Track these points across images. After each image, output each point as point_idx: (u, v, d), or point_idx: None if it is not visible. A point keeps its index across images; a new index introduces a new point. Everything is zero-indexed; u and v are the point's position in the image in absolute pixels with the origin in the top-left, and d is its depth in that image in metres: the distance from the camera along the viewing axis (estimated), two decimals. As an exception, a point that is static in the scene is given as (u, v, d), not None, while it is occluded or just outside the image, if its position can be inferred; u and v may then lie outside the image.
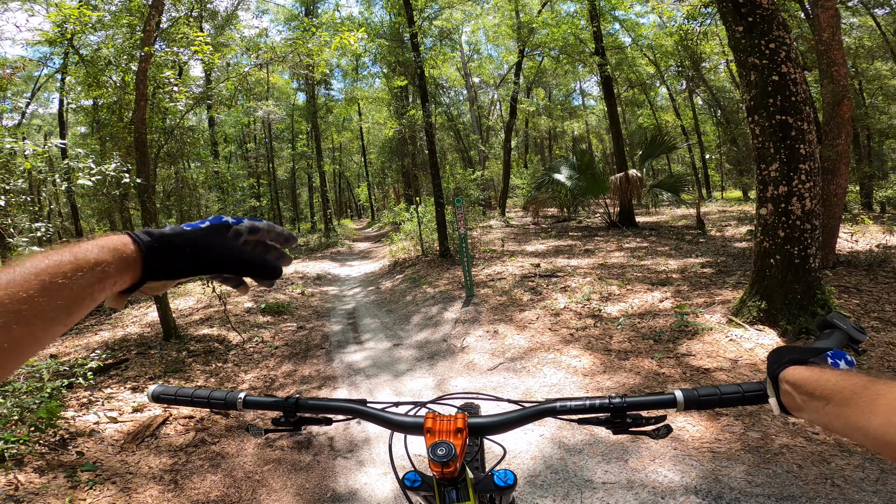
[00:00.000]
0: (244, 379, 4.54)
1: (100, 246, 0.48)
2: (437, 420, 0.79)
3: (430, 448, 0.74)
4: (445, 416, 0.80)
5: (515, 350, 4.53)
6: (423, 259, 10.07)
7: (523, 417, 0.81)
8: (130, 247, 0.50)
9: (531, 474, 2.59)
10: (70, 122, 19.55)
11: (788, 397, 0.61)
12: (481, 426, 0.81)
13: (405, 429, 0.83)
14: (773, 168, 3.98)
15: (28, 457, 2.84)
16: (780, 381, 0.62)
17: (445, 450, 0.73)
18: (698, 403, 0.74)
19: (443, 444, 0.74)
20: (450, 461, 0.72)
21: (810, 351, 0.65)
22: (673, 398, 0.75)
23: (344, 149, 34.19)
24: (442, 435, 0.77)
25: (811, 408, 0.56)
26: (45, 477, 2.70)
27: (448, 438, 0.76)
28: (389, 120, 18.32)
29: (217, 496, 2.65)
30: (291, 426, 0.87)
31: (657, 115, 24.34)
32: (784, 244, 3.98)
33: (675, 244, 8.97)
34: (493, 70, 27.14)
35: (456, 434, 0.77)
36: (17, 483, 2.59)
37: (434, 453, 0.73)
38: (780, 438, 2.63)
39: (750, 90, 4.05)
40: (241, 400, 0.85)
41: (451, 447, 0.73)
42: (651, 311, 4.98)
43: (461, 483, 0.81)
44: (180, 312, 7.32)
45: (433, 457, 0.73)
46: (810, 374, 0.58)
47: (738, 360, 3.67)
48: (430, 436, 0.77)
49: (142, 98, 5.60)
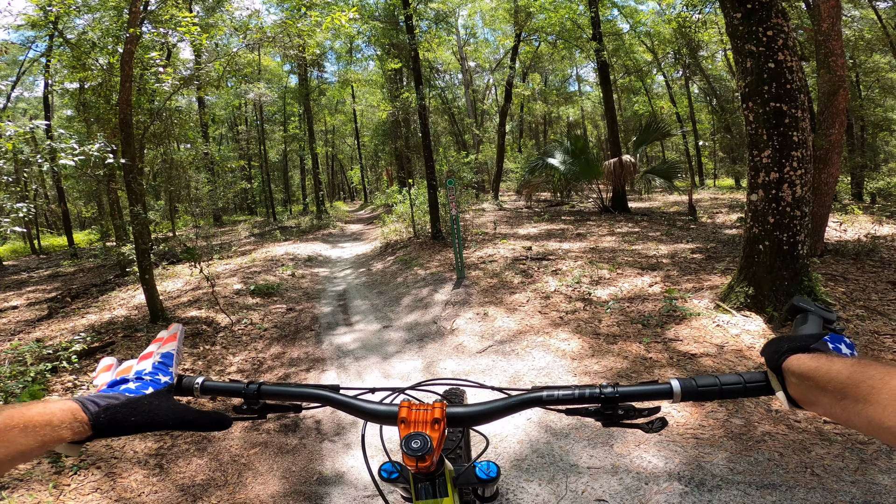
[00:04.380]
0: (232, 362, 4.51)
1: (51, 411, 0.55)
2: (412, 409, 0.73)
3: (403, 441, 0.69)
4: (422, 406, 0.74)
5: (505, 333, 4.53)
6: (415, 241, 10.04)
7: (507, 407, 0.75)
8: (81, 414, 0.57)
9: (517, 458, 2.60)
10: (56, 105, 19.17)
11: (797, 389, 0.58)
12: (461, 416, 0.75)
13: (377, 418, 0.76)
14: (765, 154, 3.97)
15: None
16: (786, 372, 0.59)
17: (420, 442, 0.68)
18: (696, 394, 0.69)
19: (417, 437, 0.69)
20: (425, 455, 0.67)
21: (808, 338, 0.62)
22: (669, 389, 0.69)
23: (337, 131, 33.85)
24: (417, 426, 0.71)
25: (824, 402, 0.53)
26: (30, 462, 2.67)
27: (424, 430, 0.70)
28: (383, 102, 18.09)
29: (203, 480, 2.64)
30: (255, 413, 0.80)
31: (653, 102, 24.22)
32: (774, 230, 3.99)
33: (666, 230, 9.00)
34: (490, 54, 26.79)
35: (433, 425, 0.71)
36: None
37: (408, 447, 0.68)
38: (762, 426, 2.64)
39: (745, 77, 4.03)
40: (197, 386, 0.77)
41: (427, 440, 0.68)
42: (640, 295, 5.00)
43: (439, 477, 0.76)
44: (168, 295, 7.25)
45: (407, 450, 0.68)
46: (818, 364, 0.55)
47: (725, 345, 3.70)
48: (405, 426, 0.72)
49: (127, 80, 5.47)
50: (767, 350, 0.64)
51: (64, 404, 0.57)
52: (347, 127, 32.51)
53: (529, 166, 14.39)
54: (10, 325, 6.51)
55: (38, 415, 0.53)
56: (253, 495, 2.48)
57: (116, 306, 6.79)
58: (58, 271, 11.92)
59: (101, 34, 7.20)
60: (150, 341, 4.08)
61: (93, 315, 6.37)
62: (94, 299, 7.70)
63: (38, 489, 2.47)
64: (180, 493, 2.49)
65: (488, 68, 27.21)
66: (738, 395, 0.68)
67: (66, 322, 6.20)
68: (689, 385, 0.69)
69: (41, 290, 9.50)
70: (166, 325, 5.38)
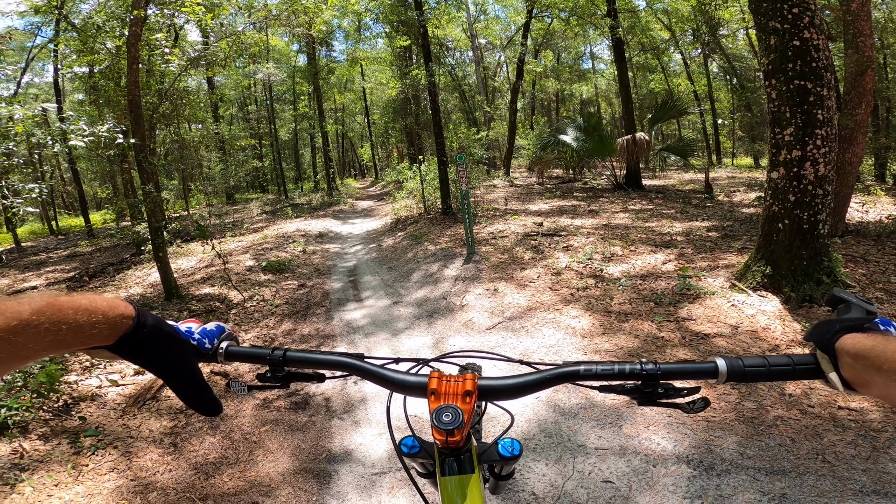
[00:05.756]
0: (244, 338, 4.56)
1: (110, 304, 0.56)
2: (443, 381, 0.69)
3: (433, 413, 0.66)
4: (453, 378, 0.70)
5: (515, 309, 4.50)
6: (426, 217, 10.01)
7: (541, 382, 0.71)
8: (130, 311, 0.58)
9: (525, 437, 2.59)
10: (67, 89, 19.25)
11: (851, 370, 0.54)
12: (493, 389, 0.71)
13: (407, 389, 0.73)
14: (787, 132, 3.86)
15: (32, 423, 2.85)
16: (839, 352, 0.56)
17: (452, 415, 0.65)
18: (743, 375, 0.65)
19: (449, 409, 0.65)
20: (455, 429, 0.64)
21: (860, 319, 0.59)
22: (714, 368, 0.66)
23: (347, 109, 33.72)
24: (448, 398, 0.68)
25: (879, 382, 0.50)
26: (50, 444, 2.72)
27: (455, 402, 0.67)
28: (393, 80, 17.84)
29: (215, 458, 2.67)
30: (279, 382, 0.77)
31: (669, 80, 23.53)
32: (794, 209, 3.88)
33: (681, 207, 8.82)
34: (501, 31, 26.22)
35: (465, 398, 0.68)
36: (21, 451, 2.60)
37: (439, 419, 0.64)
38: (775, 410, 2.59)
39: (769, 54, 3.93)
40: (222, 351, 0.74)
41: (459, 413, 0.65)
42: (653, 272, 4.92)
43: (465, 453, 0.72)
44: (182, 272, 7.33)
45: (438, 423, 0.64)
46: (874, 343, 0.51)
47: (739, 326, 3.63)
48: (435, 399, 0.68)
49: (134, 62, 5.47)
50: (817, 331, 0.60)
51: (121, 302, 0.57)
52: (357, 105, 32.30)
53: (542, 143, 14.16)
54: (30, 304, 6.65)
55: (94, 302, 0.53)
56: (263, 473, 2.52)
57: (132, 284, 6.90)
58: (75, 251, 12.14)
59: (107, 17, 7.16)
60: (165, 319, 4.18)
61: (109, 294, 6.46)
62: (110, 278, 7.84)
63: (58, 470, 2.52)
64: (193, 472, 2.53)
65: (499, 45, 26.66)
66: (786, 377, 0.64)
67: (84, 300, 6.31)
68: (736, 365, 0.65)
69: (59, 269, 9.69)
70: (180, 302, 5.48)
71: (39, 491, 2.35)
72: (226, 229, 11.55)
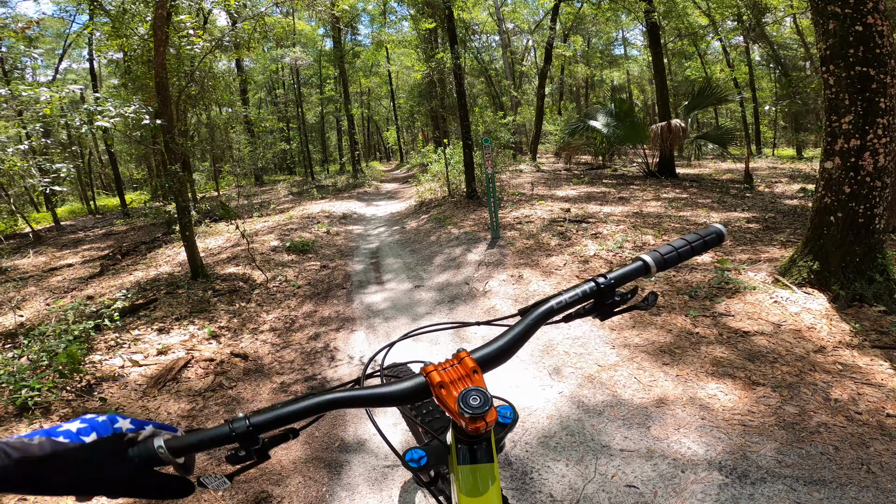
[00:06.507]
0: (265, 319, 4.54)
1: None
2: (442, 371, 0.65)
3: (460, 401, 0.60)
4: (449, 362, 0.66)
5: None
6: (450, 200, 9.89)
7: (526, 331, 0.71)
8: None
9: (545, 435, 2.46)
10: (103, 74, 19.70)
11: None
12: (489, 357, 0.68)
13: (408, 398, 0.66)
14: (845, 120, 3.58)
15: (55, 404, 2.86)
16: None
17: (479, 398, 0.60)
18: (664, 263, 0.78)
19: (473, 392, 0.61)
20: (486, 412, 0.60)
21: None
22: (645, 265, 0.77)
23: (372, 93, 33.77)
24: (457, 384, 0.63)
25: None
26: None
27: (469, 384, 0.63)
28: (418, 63, 17.63)
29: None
30: (258, 457, 0.63)
31: (707, 67, 22.48)
32: (849, 201, 3.59)
33: (718, 197, 8.41)
34: (528, 15, 25.58)
35: (473, 376, 0.64)
36: None
37: (468, 405, 0.59)
38: (818, 416, 2.40)
39: (826, 39, 3.67)
40: (162, 450, 0.57)
41: (484, 392, 0.61)
42: (688, 263, 4.66)
43: (485, 440, 0.67)
44: (209, 251, 7.41)
45: (468, 410, 0.59)
46: None
47: (782, 324, 3.38)
48: (445, 390, 0.63)
49: (161, 44, 5.47)
50: None
51: None
52: (383, 89, 32.25)
53: (570, 128, 13.74)
54: (65, 283, 6.85)
55: None
56: (274, 461, 2.46)
57: (162, 263, 7.01)
58: (111, 230, 12.50)
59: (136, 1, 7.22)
60: (190, 298, 4.05)
61: (140, 272, 6.60)
62: (142, 256, 8.00)
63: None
64: (206, 456, 2.50)
65: (527, 30, 26.03)
66: (698, 252, 0.79)
67: (116, 279, 6.45)
68: (657, 257, 0.78)
69: (95, 247, 9.98)
70: (206, 281, 5.52)
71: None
72: (253, 210, 11.69)
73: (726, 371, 2.87)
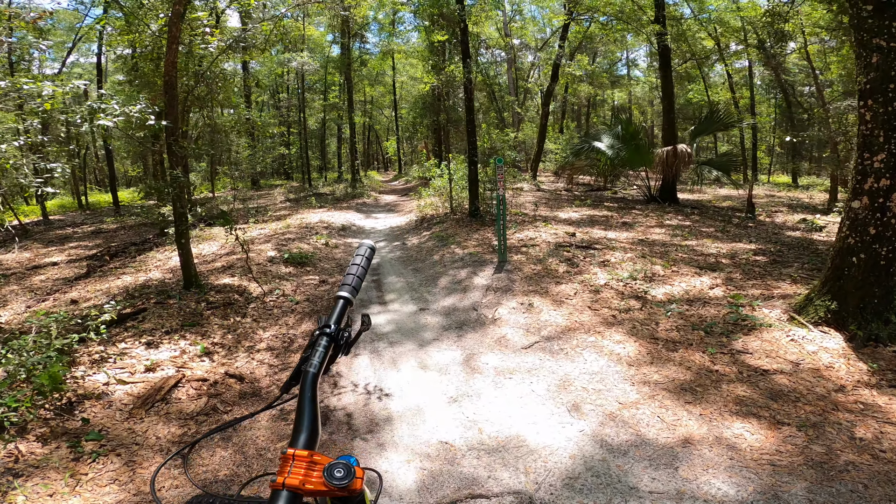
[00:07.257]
0: (262, 337, 4.37)
1: None
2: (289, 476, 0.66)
3: (326, 473, 0.66)
4: (284, 468, 0.67)
5: (552, 328, 4.21)
6: (452, 217, 9.75)
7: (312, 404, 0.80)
8: None
9: (569, 476, 2.33)
10: (109, 70, 19.51)
11: None
12: (308, 441, 0.75)
13: None
14: (877, 158, 3.52)
15: (32, 423, 2.63)
16: None
17: (343, 469, 0.66)
18: (356, 291, 0.98)
19: (336, 466, 0.67)
20: (351, 479, 0.66)
21: None
22: (347, 299, 0.98)
23: (375, 102, 33.80)
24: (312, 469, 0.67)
25: None
26: (48, 447, 2.52)
27: (324, 462, 0.68)
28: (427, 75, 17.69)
29: (226, 475, 2.45)
30: None
31: (710, 91, 22.82)
32: (873, 242, 3.53)
33: (720, 226, 8.40)
34: (536, 32, 25.87)
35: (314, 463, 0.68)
36: (17, 454, 2.41)
37: (332, 477, 0.65)
38: (845, 454, 2.38)
39: (868, 73, 3.59)
40: None
41: (348, 463, 0.67)
42: (700, 297, 4.58)
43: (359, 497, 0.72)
44: (203, 258, 7.20)
45: (334, 482, 0.64)
46: None
47: (800, 363, 3.30)
48: (300, 478, 0.66)
49: (174, 41, 5.33)
50: None
51: None
52: (386, 98, 32.30)
53: (574, 148, 13.76)
54: (48, 284, 6.54)
55: None
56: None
57: (152, 268, 6.78)
58: (100, 227, 12.21)
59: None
60: (182, 310, 3.82)
61: (128, 276, 6.34)
62: (132, 259, 7.77)
63: (54, 477, 2.33)
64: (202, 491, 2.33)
65: (534, 47, 26.32)
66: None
67: (103, 282, 6.16)
68: (350, 289, 0.98)
69: (83, 245, 9.70)
70: (200, 292, 5.31)
71: (32, 501, 2.16)
72: (249, 215, 11.47)
73: (750, 410, 2.81)
